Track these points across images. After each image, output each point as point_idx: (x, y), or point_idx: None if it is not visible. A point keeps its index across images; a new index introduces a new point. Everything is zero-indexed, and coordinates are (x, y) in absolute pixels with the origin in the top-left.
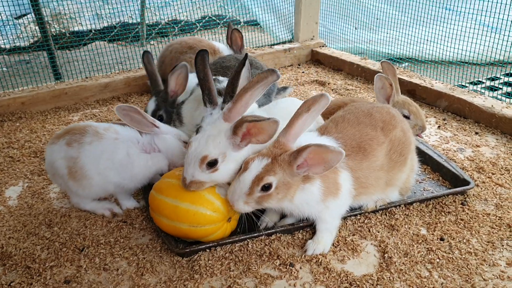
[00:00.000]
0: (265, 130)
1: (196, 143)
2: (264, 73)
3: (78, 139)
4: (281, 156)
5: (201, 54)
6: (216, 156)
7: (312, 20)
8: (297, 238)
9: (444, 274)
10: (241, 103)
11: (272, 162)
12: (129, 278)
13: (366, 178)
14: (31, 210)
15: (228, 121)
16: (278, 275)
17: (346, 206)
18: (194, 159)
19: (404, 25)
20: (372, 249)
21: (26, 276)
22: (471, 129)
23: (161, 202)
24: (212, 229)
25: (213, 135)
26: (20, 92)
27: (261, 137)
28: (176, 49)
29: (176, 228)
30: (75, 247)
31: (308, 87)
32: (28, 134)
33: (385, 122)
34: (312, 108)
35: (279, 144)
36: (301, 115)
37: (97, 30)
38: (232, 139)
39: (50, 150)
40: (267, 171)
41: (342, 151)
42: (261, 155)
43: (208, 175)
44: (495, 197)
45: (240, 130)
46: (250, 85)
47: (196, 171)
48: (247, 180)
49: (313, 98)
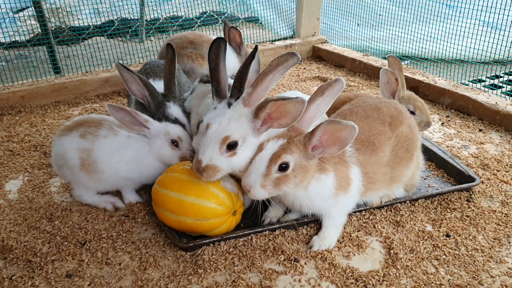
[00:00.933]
0: (289, 112)
1: (217, 124)
2: (284, 56)
3: (93, 131)
4: (296, 138)
5: (217, 42)
6: (237, 138)
7: (314, 16)
8: (302, 234)
9: (451, 270)
10: (261, 87)
11: (288, 142)
12: (132, 272)
13: (374, 174)
14: (31, 203)
15: (248, 106)
16: (282, 270)
17: (354, 203)
18: (214, 140)
19: (405, 23)
20: (377, 245)
21: (28, 270)
22: (475, 126)
23: (165, 196)
24: (218, 222)
25: (235, 117)
26: (19, 86)
27: (284, 120)
28: (176, 44)
29: (181, 222)
30: (77, 241)
31: (310, 83)
32: (28, 128)
33: (393, 117)
34: (326, 92)
35: (293, 128)
36: (315, 99)
37: (96, 25)
38: (253, 123)
39: (60, 141)
40: (284, 149)
41: (355, 126)
42: (276, 137)
43: (225, 160)
44: (500, 194)
45: (263, 111)
46: (270, 69)
47: (215, 153)
48: (263, 160)
49: (328, 82)
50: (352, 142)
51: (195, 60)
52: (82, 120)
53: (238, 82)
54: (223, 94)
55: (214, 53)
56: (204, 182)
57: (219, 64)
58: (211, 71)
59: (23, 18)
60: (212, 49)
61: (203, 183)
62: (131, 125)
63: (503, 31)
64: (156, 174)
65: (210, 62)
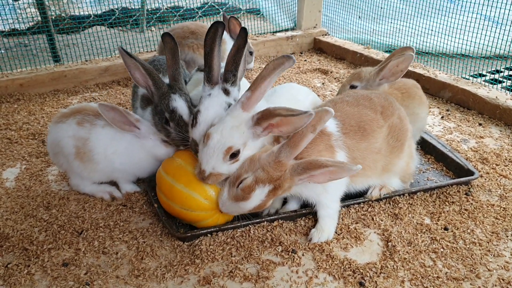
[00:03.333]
0: (293, 124)
1: (219, 135)
2: (280, 59)
3: (90, 120)
4: (281, 178)
5: (215, 26)
6: (239, 147)
7: (315, 8)
8: (300, 225)
9: (448, 263)
10: (259, 91)
11: (274, 188)
12: (129, 262)
13: (363, 159)
14: (28, 192)
15: (247, 110)
16: (280, 261)
17: (343, 186)
18: (217, 151)
19: (407, 16)
20: (375, 237)
21: (24, 258)
22: (475, 120)
23: (161, 178)
24: (203, 216)
25: (236, 125)
26: (18, 73)
27: (285, 129)
28: (178, 34)
29: (171, 207)
30: (74, 230)
31: (311, 75)
32: (26, 116)
33: (384, 107)
34: (318, 128)
35: (280, 165)
36: (306, 136)
37: (97, 14)
38: (253, 129)
39: (56, 128)
40: (269, 198)
41: (359, 167)
42: (261, 181)
43: (227, 167)
44: (499, 188)
45: (266, 121)
46: (267, 72)
47: (218, 162)
48: (247, 208)
49: (318, 115)
50: (340, 126)
51: (196, 50)
52: (80, 107)
53: (232, 65)
54: (215, 80)
55: (210, 38)
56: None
57: (213, 49)
58: (205, 56)
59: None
60: (209, 33)
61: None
62: (122, 125)
63: (504, 25)
64: (149, 168)
65: (205, 46)
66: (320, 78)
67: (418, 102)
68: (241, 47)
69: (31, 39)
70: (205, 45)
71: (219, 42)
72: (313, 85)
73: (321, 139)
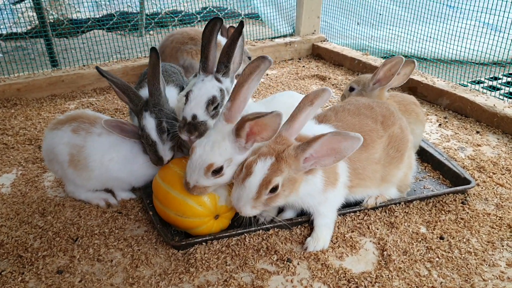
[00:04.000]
0: (268, 126)
1: (201, 150)
2: (255, 62)
3: (86, 128)
4: (285, 152)
5: (214, 21)
6: (221, 163)
7: (314, 14)
8: (295, 234)
9: (444, 273)
10: (239, 99)
11: (277, 161)
12: (123, 269)
13: (363, 170)
14: (24, 198)
15: (230, 121)
16: (275, 270)
17: (342, 197)
18: (198, 167)
19: (406, 23)
20: (371, 246)
21: (18, 265)
22: (472, 128)
23: (157, 185)
24: (197, 222)
25: (218, 141)
26: (16, 78)
27: (265, 134)
28: (177, 40)
29: (166, 214)
30: (69, 237)
31: (309, 82)
32: (23, 121)
33: (385, 117)
34: (315, 103)
35: (281, 139)
36: (304, 109)
37: (96, 18)
38: (237, 143)
39: (51, 135)
40: (274, 172)
41: (360, 137)
42: (263, 154)
43: (212, 181)
44: (495, 197)
45: (243, 131)
46: (243, 79)
47: (201, 178)
48: (253, 186)
49: (316, 92)
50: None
51: (195, 57)
52: (75, 115)
53: (225, 57)
54: (210, 70)
55: (209, 30)
56: None
57: (211, 41)
58: (202, 47)
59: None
60: (208, 26)
61: None
62: (130, 135)
63: (503, 32)
64: (146, 175)
65: (203, 38)
66: (318, 84)
67: (414, 118)
68: (235, 39)
69: (29, 43)
70: (203, 37)
71: (216, 35)
72: (311, 91)
73: None
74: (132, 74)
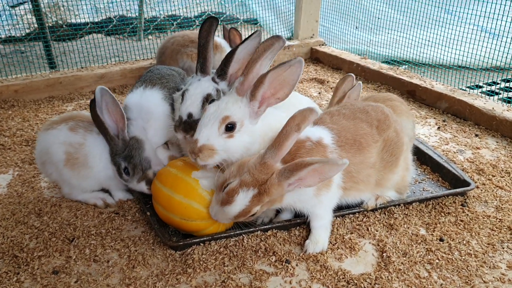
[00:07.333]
0: (286, 81)
1: (215, 106)
2: (270, 40)
3: (85, 126)
4: (268, 183)
5: (210, 20)
6: (236, 119)
7: (313, 18)
8: (294, 235)
9: (444, 275)
10: (252, 74)
11: (259, 193)
12: (120, 270)
13: (357, 173)
14: (20, 198)
15: (242, 95)
16: (273, 271)
17: (336, 198)
18: (213, 120)
19: (404, 27)
20: (370, 248)
21: (13, 266)
22: (471, 131)
23: (158, 190)
24: (204, 224)
25: (232, 100)
26: (13, 79)
27: (282, 92)
28: (178, 42)
29: (170, 218)
30: (65, 237)
31: (307, 85)
32: (20, 122)
33: (380, 121)
34: (302, 127)
35: (265, 167)
36: (290, 135)
37: (94, 22)
38: (250, 106)
39: (45, 135)
40: (255, 204)
41: (346, 162)
42: (246, 184)
43: (223, 141)
44: (495, 199)
45: (261, 87)
46: (257, 55)
47: (213, 133)
48: (232, 213)
49: (302, 114)
50: (336, 139)
51: (195, 59)
52: (71, 115)
53: (223, 62)
54: (207, 71)
55: (205, 30)
56: (193, 182)
57: (208, 42)
58: (200, 47)
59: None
60: (204, 26)
61: (192, 182)
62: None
63: (501, 37)
64: None
65: (200, 38)
66: (316, 87)
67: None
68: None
69: (27, 46)
70: (200, 37)
71: (213, 35)
72: (310, 94)
73: (317, 150)
74: (130, 77)
